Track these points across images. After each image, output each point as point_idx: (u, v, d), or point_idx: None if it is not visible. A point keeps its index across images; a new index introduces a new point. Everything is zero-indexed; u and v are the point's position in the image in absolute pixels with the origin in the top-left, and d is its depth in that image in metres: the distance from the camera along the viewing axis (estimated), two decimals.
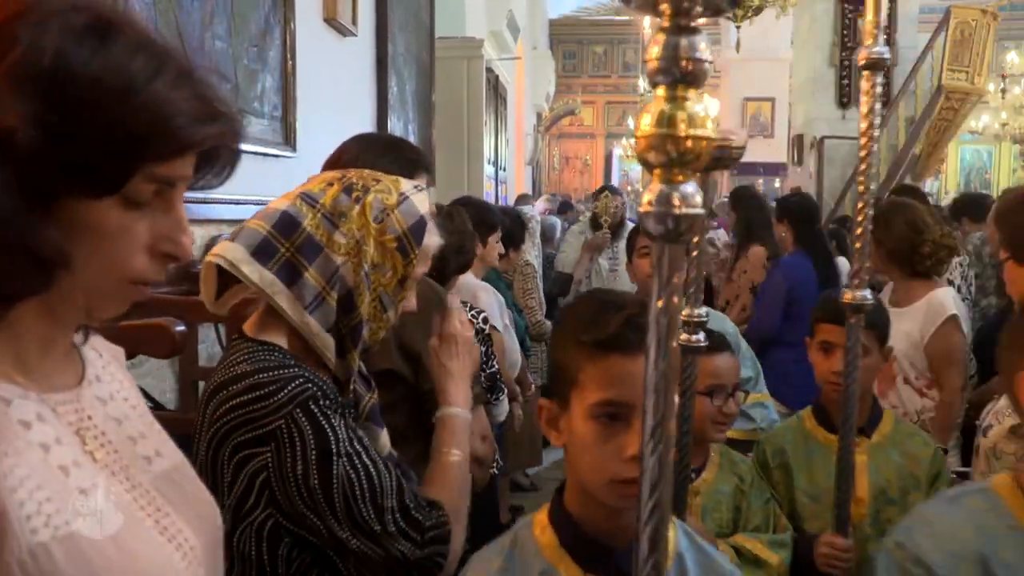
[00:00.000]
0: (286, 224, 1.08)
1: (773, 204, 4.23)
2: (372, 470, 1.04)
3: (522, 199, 8.51)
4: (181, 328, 1.41)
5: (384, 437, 1.20)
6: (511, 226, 3.60)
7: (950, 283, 2.72)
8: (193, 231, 0.74)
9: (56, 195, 0.63)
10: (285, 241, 1.08)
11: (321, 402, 1.03)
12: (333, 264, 1.09)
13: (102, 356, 0.80)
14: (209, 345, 2.40)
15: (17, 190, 0.60)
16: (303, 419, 1.01)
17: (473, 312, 2.40)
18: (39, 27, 0.60)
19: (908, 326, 2.57)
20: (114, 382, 0.79)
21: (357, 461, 1.03)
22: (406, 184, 1.17)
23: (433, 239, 1.16)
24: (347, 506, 1.02)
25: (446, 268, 2.36)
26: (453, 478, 1.17)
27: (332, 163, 1.54)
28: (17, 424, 0.65)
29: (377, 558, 1.04)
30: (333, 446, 1.02)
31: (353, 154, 1.54)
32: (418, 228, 1.14)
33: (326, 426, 1.02)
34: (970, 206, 4.86)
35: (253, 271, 1.06)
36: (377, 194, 1.12)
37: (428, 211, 1.15)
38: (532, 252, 4.57)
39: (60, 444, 0.68)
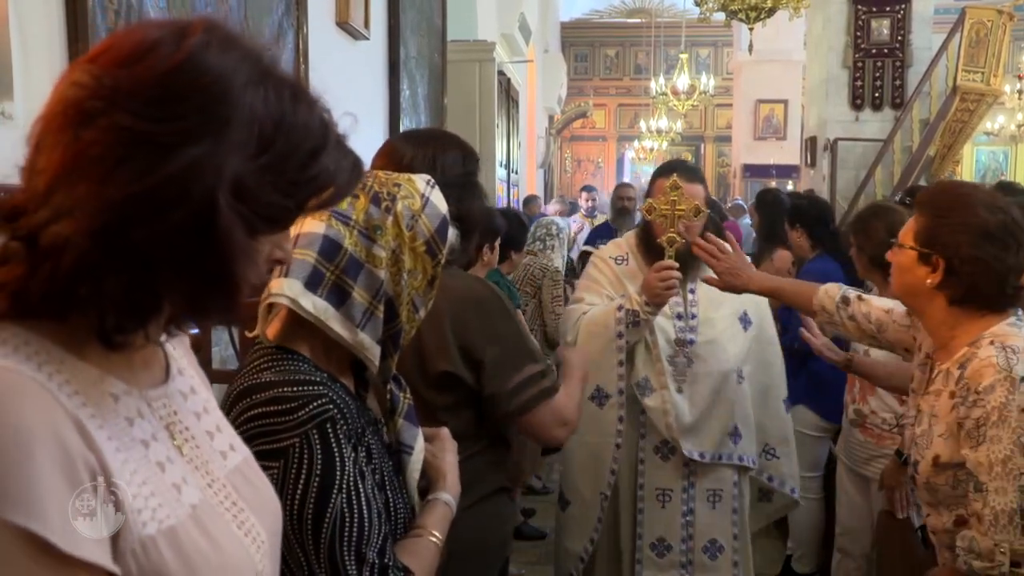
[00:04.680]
0: (328, 248, 1.10)
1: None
2: (366, 514, 1.03)
3: (529, 201, 8.51)
4: (194, 331, 1.42)
5: (420, 437, 1.21)
6: (512, 229, 3.59)
7: None
8: None
9: (256, 234, 0.70)
10: (329, 264, 1.10)
11: (339, 426, 1.03)
12: (378, 279, 1.11)
13: (176, 348, 0.84)
14: (223, 348, 2.40)
15: (244, 230, 0.68)
16: (317, 442, 1.01)
17: None
18: (255, 92, 0.68)
19: None
20: (187, 375, 0.83)
21: (355, 500, 1.03)
22: (420, 183, 1.18)
23: (452, 232, 1.20)
24: (331, 546, 1.01)
25: (449, 267, 2.37)
26: (426, 557, 1.17)
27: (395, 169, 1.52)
28: (124, 420, 0.69)
29: None
30: (337, 478, 1.02)
31: (424, 160, 1.53)
32: (443, 228, 1.16)
33: (336, 455, 1.02)
34: None
35: (308, 302, 1.08)
36: (403, 200, 1.14)
37: (446, 208, 1.18)
38: (560, 259, 4.57)
39: (156, 440, 0.72)
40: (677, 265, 2.23)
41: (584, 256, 5.58)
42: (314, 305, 1.08)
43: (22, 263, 0.64)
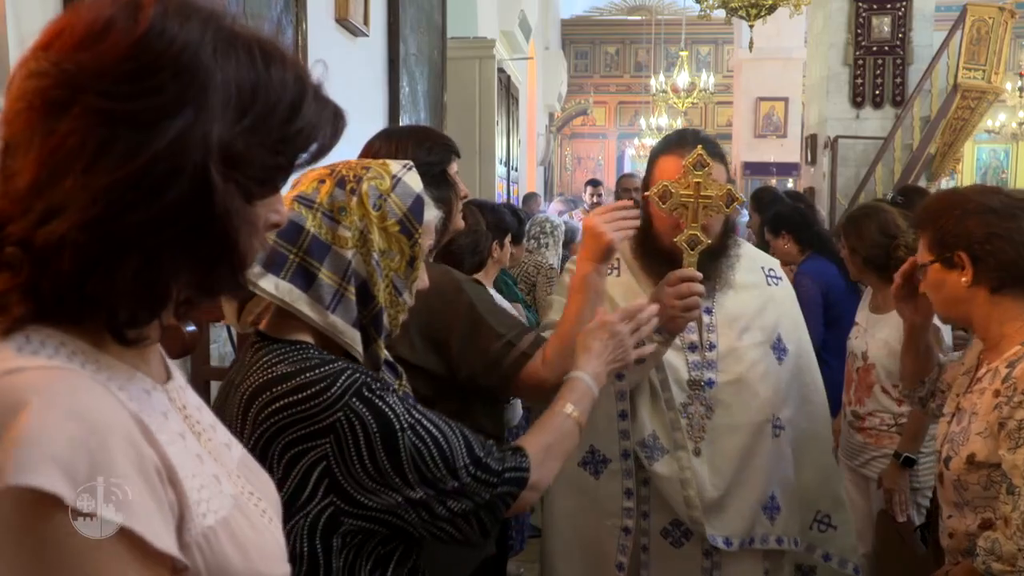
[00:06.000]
0: (289, 230, 1.09)
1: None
2: (437, 434, 1.08)
3: (529, 198, 8.49)
4: (191, 328, 1.41)
5: None
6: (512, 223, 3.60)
7: None
8: None
9: (252, 199, 0.69)
10: (292, 247, 1.09)
11: (374, 386, 1.06)
12: (344, 259, 1.10)
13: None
14: (220, 345, 2.40)
15: (241, 197, 0.67)
16: (361, 407, 1.03)
17: None
18: (225, 56, 0.66)
19: (886, 333, 2.55)
20: (178, 374, 0.82)
21: (421, 430, 1.06)
22: (395, 165, 1.18)
23: (431, 213, 1.18)
24: (422, 478, 1.06)
25: (461, 267, 2.36)
26: (555, 425, 1.24)
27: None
28: (160, 415, 0.69)
29: (468, 510, 1.09)
30: (396, 423, 1.05)
31: (388, 152, 1.55)
32: (417, 207, 1.15)
33: (384, 407, 1.05)
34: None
35: (269, 284, 1.08)
36: (370, 182, 1.13)
37: (422, 187, 1.17)
38: (555, 257, 4.56)
39: (188, 433, 0.72)
40: (701, 276, 1.63)
41: None
42: (277, 287, 1.08)
43: (26, 268, 0.62)
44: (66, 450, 0.57)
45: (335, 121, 0.76)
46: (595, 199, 6.87)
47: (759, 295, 1.88)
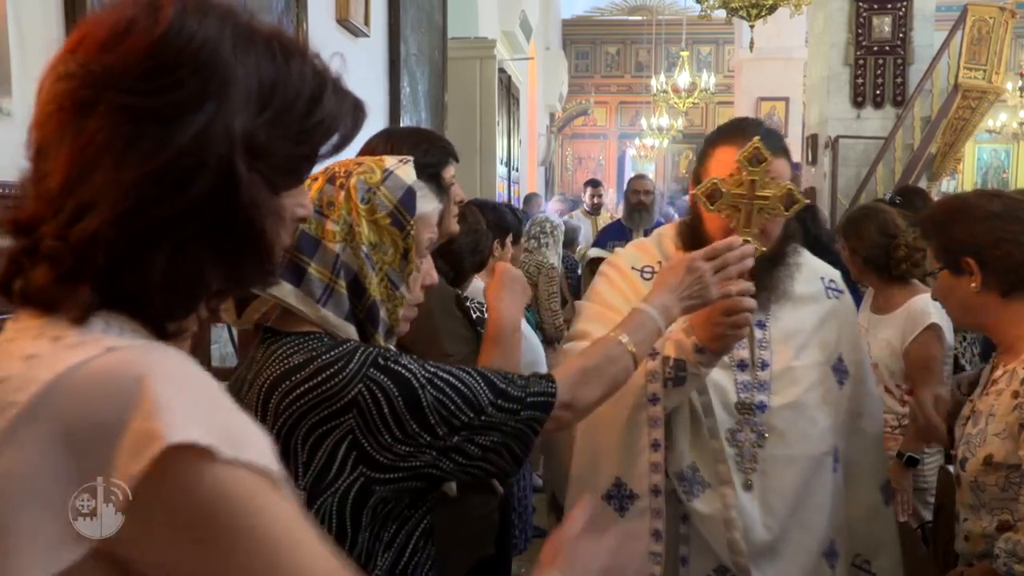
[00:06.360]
0: None
1: None
2: (455, 381, 1.09)
3: (530, 199, 8.48)
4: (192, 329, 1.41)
5: None
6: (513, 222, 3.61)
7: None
8: None
9: (278, 190, 0.71)
10: None
11: (388, 354, 1.08)
12: (332, 253, 1.11)
13: None
14: (221, 345, 2.41)
15: (266, 188, 0.68)
16: (379, 375, 1.05)
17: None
18: (244, 51, 0.68)
19: (888, 333, 2.56)
20: None
21: (439, 381, 1.08)
22: (390, 160, 1.18)
23: (428, 204, 1.18)
24: (452, 428, 1.07)
25: (462, 266, 2.36)
26: (601, 350, 1.23)
27: None
28: None
29: (497, 442, 1.10)
30: (415, 381, 1.06)
31: (385, 152, 1.56)
32: (408, 199, 1.15)
33: (401, 370, 1.07)
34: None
35: None
36: (360, 176, 1.13)
37: (416, 180, 1.16)
38: (555, 256, 4.56)
39: None
40: (752, 288, 1.42)
41: (594, 264, 4.89)
42: None
43: (68, 260, 0.63)
44: (200, 411, 0.60)
45: (355, 112, 0.78)
46: (595, 199, 6.63)
47: (818, 309, 1.67)
